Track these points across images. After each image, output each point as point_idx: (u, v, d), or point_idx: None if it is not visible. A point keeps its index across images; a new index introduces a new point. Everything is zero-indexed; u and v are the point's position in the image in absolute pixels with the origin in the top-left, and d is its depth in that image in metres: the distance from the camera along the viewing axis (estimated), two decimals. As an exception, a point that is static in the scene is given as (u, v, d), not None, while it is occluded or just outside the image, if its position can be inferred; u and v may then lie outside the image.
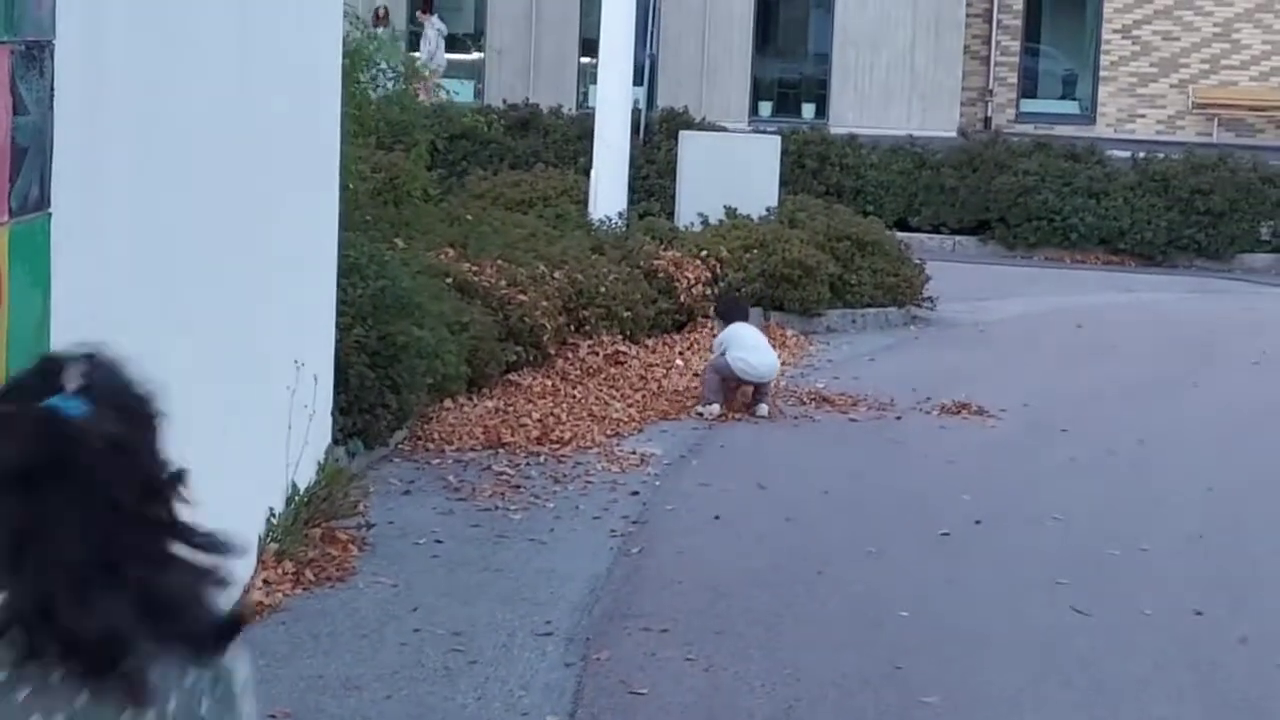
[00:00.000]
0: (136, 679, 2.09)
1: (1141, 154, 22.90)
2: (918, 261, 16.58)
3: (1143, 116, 27.59)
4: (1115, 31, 27.62)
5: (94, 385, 2.11)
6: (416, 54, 21.39)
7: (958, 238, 22.38)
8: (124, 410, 2.13)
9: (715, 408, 11.61)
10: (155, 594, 2.10)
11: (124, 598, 2.08)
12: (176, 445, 2.18)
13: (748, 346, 11.87)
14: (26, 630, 2.08)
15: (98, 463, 2.08)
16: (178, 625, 2.12)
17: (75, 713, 2.09)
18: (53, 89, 4.60)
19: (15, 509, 2.08)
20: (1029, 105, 28.21)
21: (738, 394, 11.89)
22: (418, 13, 21.68)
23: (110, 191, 5.21)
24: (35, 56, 4.48)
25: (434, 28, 22.93)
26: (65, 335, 4.73)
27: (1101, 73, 27.73)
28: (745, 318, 12.38)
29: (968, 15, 27.10)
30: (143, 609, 2.09)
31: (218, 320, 6.53)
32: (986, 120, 27.57)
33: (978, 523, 9.14)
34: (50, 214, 4.64)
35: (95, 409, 2.09)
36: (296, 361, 7.51)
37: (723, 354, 11.79)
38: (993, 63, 27.95)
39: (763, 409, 11.72)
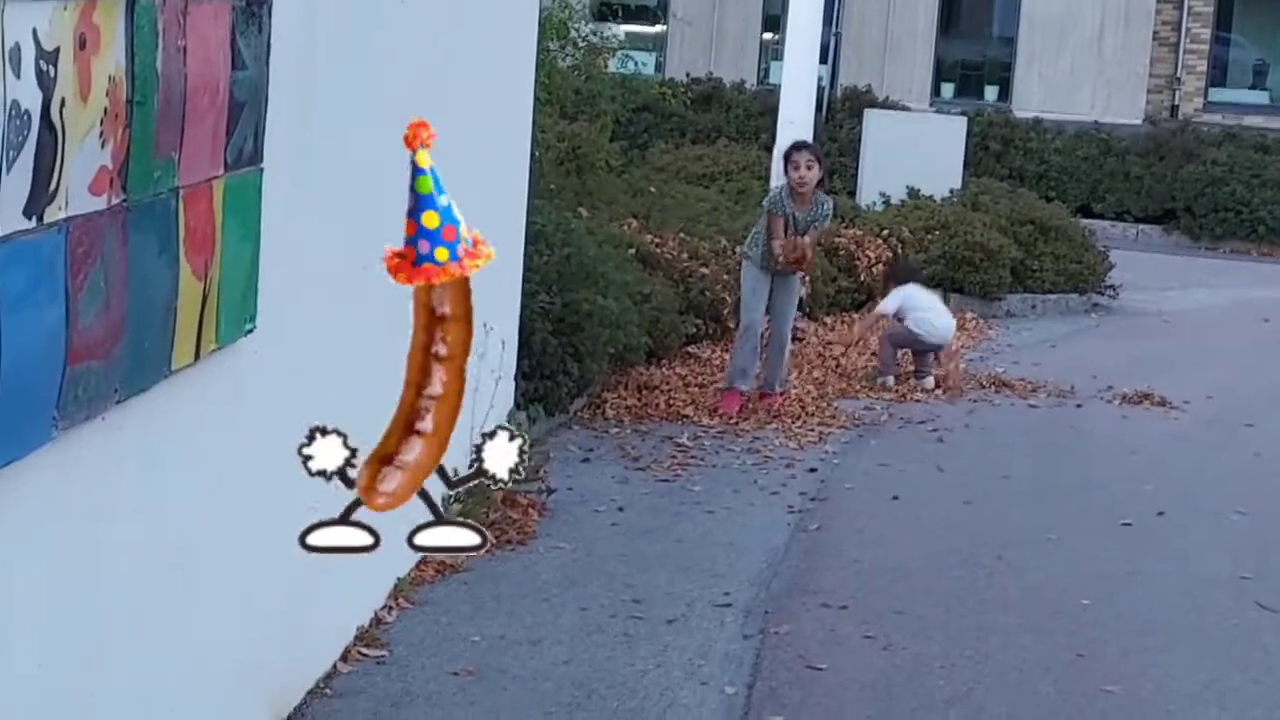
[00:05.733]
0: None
1: (1334, 147, 22.46)
2: (1101, 249, 16.37)
3: (1335, 109, 26.97)
4: (1310, 22, 27.02)
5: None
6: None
7: (1141, 226, 22.08)
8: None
9: (891, 379, 11.55)
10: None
11: None
12: (381, 398, 2.40)
13: (924, 307, 11.80)
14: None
15: None
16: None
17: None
18: (269, 46, 4.67)
19: None
20: (1217, 94, 27.65)
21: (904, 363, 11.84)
22: None
23: (316, 151, 5.27)
24: (254, 13, 4.54)
25: None
26: (271, 288, 4.80)
27: (1294, 63, 27.15)
28: (918, 280, 12.32)
29: (1158, 2, 26.63)
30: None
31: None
32: (1173, 109, 27.08)
33: (1160, 514, 9.00)
34: (262, 169, 4.71)
35: None
36: (485, 325, 7.56)
37: (900, 319, 11.70)
38: (1182, 50, 27.42)
39: (930, 381, 11.65)
